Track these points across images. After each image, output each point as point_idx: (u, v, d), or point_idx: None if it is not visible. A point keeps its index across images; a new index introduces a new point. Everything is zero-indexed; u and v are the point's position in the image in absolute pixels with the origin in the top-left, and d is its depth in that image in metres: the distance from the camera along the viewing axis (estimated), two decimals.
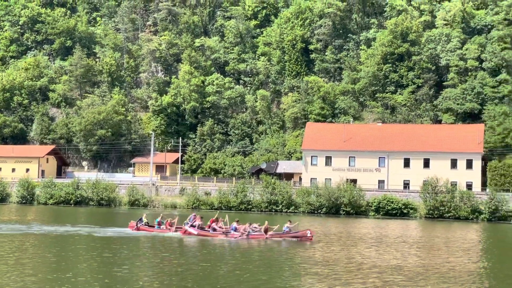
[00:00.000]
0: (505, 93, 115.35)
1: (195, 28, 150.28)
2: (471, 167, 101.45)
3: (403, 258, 41.20)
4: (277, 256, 41.25)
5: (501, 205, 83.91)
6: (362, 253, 43.12)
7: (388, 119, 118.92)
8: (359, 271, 34.14)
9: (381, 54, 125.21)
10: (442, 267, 36.63)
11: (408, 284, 30.58)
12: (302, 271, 33.97)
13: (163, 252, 41.33)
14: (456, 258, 41.80)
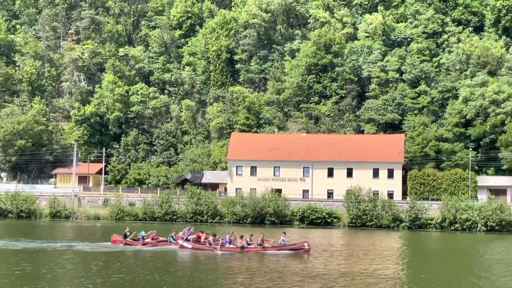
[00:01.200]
0: (424, 104, 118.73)
1: (119, 37, 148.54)
2: (392, 176, 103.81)
3: (324, 266, 41.65)
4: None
5: (421, 213, 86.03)
6: (283, 262, 43.36)
7: (312, 129, 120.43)
8: (280, 279, 34.30)
9: (305, 65, 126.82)
10: (360, 274, 37.22)
11: None
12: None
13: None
14: (376, 265, 42.55)
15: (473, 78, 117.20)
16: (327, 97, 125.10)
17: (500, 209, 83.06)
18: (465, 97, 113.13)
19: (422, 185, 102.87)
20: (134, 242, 53.03)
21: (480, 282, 35.69)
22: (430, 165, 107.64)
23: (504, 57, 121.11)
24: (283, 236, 50.66)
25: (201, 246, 49.98)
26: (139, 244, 52.70)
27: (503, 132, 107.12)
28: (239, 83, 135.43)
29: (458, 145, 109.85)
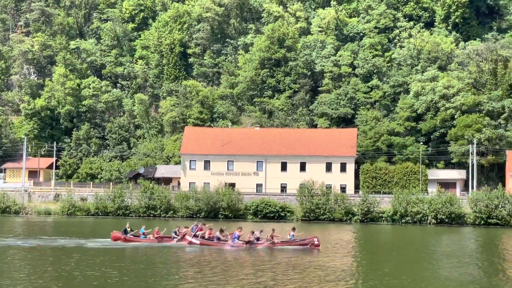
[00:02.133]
0: (376, 99, 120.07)
1: (70, 30, 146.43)
2: (345, 170, 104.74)
3: (273, 258, 41.78)
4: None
5: (373, 207, 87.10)
6: (234, 256, 43.38)
7: (266, 124, 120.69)
8: (230, 270, 34.33)
9: (258, 59, 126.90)
10: (310, 266, 37.46)
11: (277, 283, 30.98)
12: None
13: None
14: (325, 257, 42.84)
15: (424, 73, 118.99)
16: (281, 92, 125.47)
17: (449, 202, 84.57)
18: (416, 92, 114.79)
19: (374, 179, 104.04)
20: (135, 239, 51.15)
21: (427, 273, 36.26)
22: (382, 159, 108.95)
23: (454, 52, 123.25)
24: (293, 231, 49.91)
25: (209, 242, 48.78)
26: (142, 240, 50.97)
27: (452, 126, 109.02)
28: (193, 77, 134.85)
29: (409, 139, 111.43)
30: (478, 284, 32.71)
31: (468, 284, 32.38)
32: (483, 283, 32.98)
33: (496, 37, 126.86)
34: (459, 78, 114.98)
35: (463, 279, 33.97)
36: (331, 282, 31.99)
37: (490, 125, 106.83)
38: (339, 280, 32.65)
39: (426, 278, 34.05)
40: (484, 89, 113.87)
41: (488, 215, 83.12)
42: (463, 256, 45.80)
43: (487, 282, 33.18)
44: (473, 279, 34.41)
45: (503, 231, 75.16)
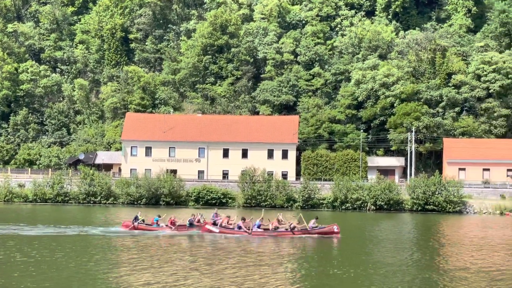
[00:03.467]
0: (318, 86, 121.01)
1: (7, 12, 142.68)
2: (287, 157, 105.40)
3: (211, 243, 41.90)
4: None
5: (314, 193, 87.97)
6: (178, 242, 43.31)
7: (208, 110, 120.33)
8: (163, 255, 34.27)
9: (201, 45, 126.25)
10: (250, 251, 37.73)
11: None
12: None
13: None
14: (266, 244, 43.18)
15: (364, 62, 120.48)
16: (223, 78, 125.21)
17: (388, 189, 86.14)
18: (357, 80, 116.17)
19: (315, 166, 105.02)
20: (147, 227, 49.97)
21: (359, 258, 36.85)
22: (323, 146, 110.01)
23: (394, 41, 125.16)
24: (315, 220, 49.05)
25: (229, 231, 47.95)
26: (159, 229, 49.85)
27: (392, 114, 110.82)
28: (134, 63, 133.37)
29: (350, 126, 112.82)
30: (417, 266, 33.43)
31: (408, 267, 33.05)
32: (422, 266, 33.72)
33: (434, 27, 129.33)
34: (398, 67, 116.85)
35: (403, 263, 34.65)
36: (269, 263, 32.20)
37: (428, 113, 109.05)
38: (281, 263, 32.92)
39: (366, 263, 34.59)
40: (422, 78, 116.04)
41: (426, 201, 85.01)
42: (403, 241, 46.69)
43: (426, 265, 33.93)
44: (413, 262, 35.14)
45: (440, 217, 76.96)
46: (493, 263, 35.07)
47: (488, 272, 31.67)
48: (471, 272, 31.43)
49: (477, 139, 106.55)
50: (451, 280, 29.04)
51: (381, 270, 32.01)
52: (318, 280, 29.03)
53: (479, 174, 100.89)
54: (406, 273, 31.13)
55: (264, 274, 29.73)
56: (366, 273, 31.01)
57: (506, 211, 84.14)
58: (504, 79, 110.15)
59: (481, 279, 29.37)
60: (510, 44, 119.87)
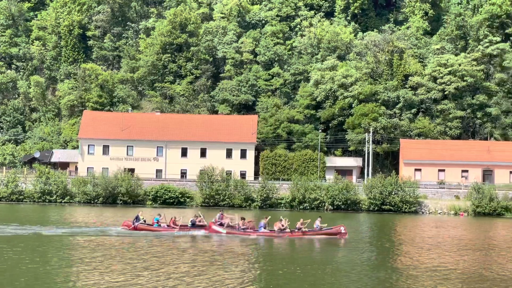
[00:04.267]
0: (277, 86, 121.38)
1: None
2: (245, 156, 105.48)
3: (174, 243, 41.73)
4: None
5: (272, 193, 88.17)
6: (139, 244, 42.97)
7: (167, 109, 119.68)
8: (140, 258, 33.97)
9: (160, 43, 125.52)
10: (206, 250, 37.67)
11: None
12: None
13: None
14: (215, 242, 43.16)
15: (323, 62, 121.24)
16: (182, 77, 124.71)
17: (346, 189, 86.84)
18: (316, 80, 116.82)
19: (274, 165, 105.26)
20: (148, 227, 49.24)
21: (322, 256, 37.10)
22: (281, 146, 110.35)
23: (353, 42, 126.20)
24: (319, 220, 48.85)
25: (236, 231, 47.40)
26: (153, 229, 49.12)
27: (350, 115, 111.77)
28: (92, 60, 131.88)
29: (309, 126, 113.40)
30: (367, 265, 33.76)
31: (358, 266, 33.35)
32: (372, 265, 34.06)
33: (392, 29, 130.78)
34: (357, 68, 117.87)
35: (354, 262, 34.95)
36: None
37: (386, 114, 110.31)
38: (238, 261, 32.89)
39: (315, 262, 34.81)
40: (380, 79, 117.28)
41: (382, 201, 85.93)
42: (357, 241, 47.08)
43: (376, 264, 34.29)
44: (363, 261, 35.47)
45: (395, 216, 77.87)
46: (441, 262, 35.60)
47: (436, 270, 32.13)
48: (419, 271, 31.85)
49: (433, 140, 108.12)
50: (397, 279, 29.35)
51: (329, 268, 32.26)
52: (265, 279, 29.09)
53: (434, 175, 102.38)
54: (356, 272, 31.37)
55: (213, 274, 29.66)
56: (314, 272, 31.18)
57: (460, 212, 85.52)
58: (460, 81, 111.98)
59: (429, 278, 29.76)
60: (466, 47, 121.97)
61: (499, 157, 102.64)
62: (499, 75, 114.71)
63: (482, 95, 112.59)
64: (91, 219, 59.49)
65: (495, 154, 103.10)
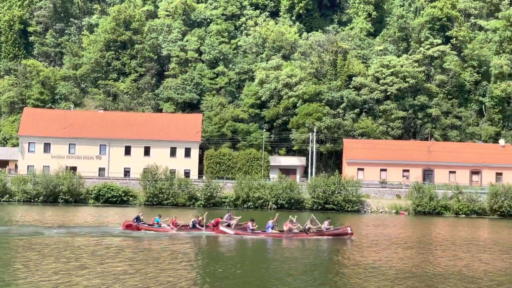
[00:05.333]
0: (222, 85, 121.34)
1: None
2: (189, 155, 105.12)
3: (122, 242, 41.25)
4: None
5: (216, 192, 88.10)
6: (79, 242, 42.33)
7: (110, 107, 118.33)
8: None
9: (104, 40, 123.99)
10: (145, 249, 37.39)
11: None
12: None
13: None
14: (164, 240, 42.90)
15: (268, 61, 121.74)
16: (126, 75, 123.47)
17: (289, 188, 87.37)
18: (260, 80, 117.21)
19: (218, 164, 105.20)
20: (149, 227, 48.28)
21: (266, 254, 37.26)
22: (226, 145, 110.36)
23: (297, 42, 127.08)
24: (328, 221, 48.22)
25: (244, 232, 46.61)
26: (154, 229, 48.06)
27: (294, 115, 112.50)
28: (33, 56, 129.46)
29: (253, 125, 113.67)
30: (296, 262, 34.08)
31: (290, 263, 33.63)
32: (315, 261, 34.41)
33: (336, 30, 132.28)
34: (301, 68, 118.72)
35: (305, 261, 35.26)
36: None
37: (329, 114, 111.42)
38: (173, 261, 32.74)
39: (269, 260, 34.94)
40: (324, 79, 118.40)
41: (325, 200, 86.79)
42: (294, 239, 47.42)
43: (319, 261, 34.64)
44: (308, 259, 35.80)
45: (338, 215, 78.66)
46: (375, 260, 36.16)
47: (367, 268, 32.63)
48: (350, 268, 32.28)
49: (375, 140, 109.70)
50: (333, 277, 29.71)
51: (262, 265, 32.47)
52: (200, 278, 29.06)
53: (376, 174, 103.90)
54: (288, 268, 31.63)
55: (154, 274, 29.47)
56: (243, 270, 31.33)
57: (401, 210, 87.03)
58: (402, 82, 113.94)
59: (357, 275, 30.19)
60: (408, 48, 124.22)
61: (439, 157, 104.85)
62: (439, 77, 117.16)
63: (423, 96, 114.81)
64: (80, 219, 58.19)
65: (435, 154, 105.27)
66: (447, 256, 38.83)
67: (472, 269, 33.46)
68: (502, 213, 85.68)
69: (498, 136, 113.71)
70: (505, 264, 36.15)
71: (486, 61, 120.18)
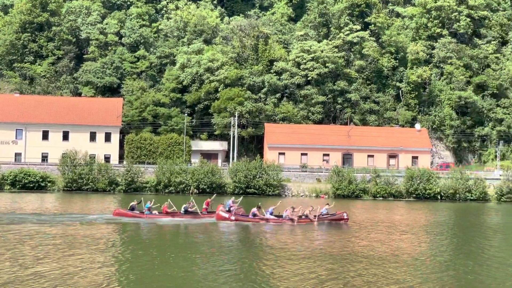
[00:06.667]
0: (142, 69, 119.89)
1: None
2: (110, 140, 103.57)
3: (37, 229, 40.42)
4: None
5: (137, 177, 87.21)
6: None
7: (27, 90, 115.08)
8: None
9: (19, 22, 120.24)
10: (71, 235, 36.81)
11: None
12: None
13: None
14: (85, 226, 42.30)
15: (190, 46, 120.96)
16: (43, 57, 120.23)
17: (211, 173, 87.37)
18: (182, 64, 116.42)
19: (139, 149, 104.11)
20: (138, 215, 47.37)
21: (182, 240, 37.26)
22: (147, 129, 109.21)
23: (219, 26, 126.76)
24: (327, 206, 49.71)
25: (245, 218, 46.80)
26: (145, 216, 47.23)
27: (216, 99, 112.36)
28: None
29: (175, 110, 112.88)
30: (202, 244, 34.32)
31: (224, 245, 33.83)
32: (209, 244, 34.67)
33: (258, 14, 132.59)
34: (223, 52, 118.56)
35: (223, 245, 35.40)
36: None
37: (251, 98, 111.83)
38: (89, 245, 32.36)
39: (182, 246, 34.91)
40: (246, 64, 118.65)
41: (247, 185, 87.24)
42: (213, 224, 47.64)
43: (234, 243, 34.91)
44: (231, 241, 36.02)
45: (259, 199, 79.24)
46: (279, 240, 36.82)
47: (275, 248, 33.21)
48: (262, 249, 32.81)
49: (296, 125, 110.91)
50: (253, 260, 30.06)
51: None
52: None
53: (297, 159, 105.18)
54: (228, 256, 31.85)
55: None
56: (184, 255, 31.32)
57: (321, 194, 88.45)
58: (322, 67, 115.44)
59: (267, 255, 30.72)
60: (328, 34, 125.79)
61: (357, 142, 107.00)
62: (358, 62, 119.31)
63: (342, 81, 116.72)
64: None
65: (354, 139, 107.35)
66: (357, 238, 39.80)
67: (375, 250, 34.43)
68: (418, 195, 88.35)
69: (414, 120, 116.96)
70: (404, 244, 37.37)
71: (403, 47, 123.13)
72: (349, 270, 27.59)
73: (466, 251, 34.96)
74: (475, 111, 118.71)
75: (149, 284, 23.97)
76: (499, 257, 32.94)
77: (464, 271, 28.32)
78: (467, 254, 33.96)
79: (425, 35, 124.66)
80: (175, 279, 25.34)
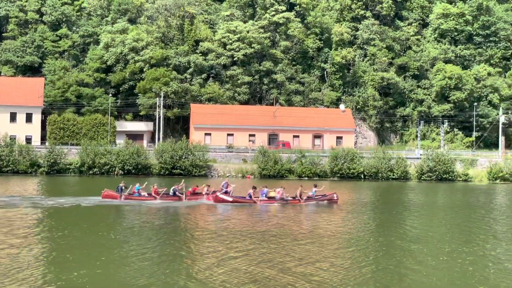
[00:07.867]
0: (65, 48, 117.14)
1: None
2: (31, 121, 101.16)
3: None
4: None
5: (60, 158, 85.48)
6: None
7: None
8: None
9: None
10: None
11: None
12: None
13: None
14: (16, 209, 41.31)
15: (114, 25, 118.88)
16: None
17: (136, 153, 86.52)
18: (106, 43, 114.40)
19: (62, 130, 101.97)
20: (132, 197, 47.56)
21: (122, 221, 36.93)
22: (70, 110, 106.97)
23: (144, 6, 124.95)
24: (315, 187, 50.44)
25: (241, 199, 47.44)
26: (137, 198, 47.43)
27: (141, 79, 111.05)
28: None
29: (99, 90, 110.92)
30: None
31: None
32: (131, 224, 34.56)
33: None
34: (148, 32, 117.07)
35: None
36: None
37: (177, 79, 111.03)
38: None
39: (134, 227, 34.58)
40: (171, 44, 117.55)
41: (173, 165, 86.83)
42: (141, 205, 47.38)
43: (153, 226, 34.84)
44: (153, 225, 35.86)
45: (186, 180, 79.01)
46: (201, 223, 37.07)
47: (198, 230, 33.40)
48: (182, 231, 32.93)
49: (222, 105, 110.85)
50: (179, 241, 30.09)
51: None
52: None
53: (223, 139, 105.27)
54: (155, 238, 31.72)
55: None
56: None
57: (247, 174, 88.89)
58: (248, 48, 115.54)
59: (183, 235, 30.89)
60: (254, 14, 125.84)
61: (283, 122, 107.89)
62: (284, 43, 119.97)
63: (268, 62, 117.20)
64: None
65: (280, 119, 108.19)
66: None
67: (292, 228, 35.02)
68: (342, 175, 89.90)
69: (338, 101, 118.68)
70: (323, 223, 38.21)
71: (328, 29, 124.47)
72: (261, 247, 27.93)
73: (378, 229, 35.88)
74: (397, 92, 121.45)
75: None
76: (414, 233, 33.98)
77: (374, 248, 29.06)
78: (379, 231, 34.86)
79: (349, 17, 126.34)
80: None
